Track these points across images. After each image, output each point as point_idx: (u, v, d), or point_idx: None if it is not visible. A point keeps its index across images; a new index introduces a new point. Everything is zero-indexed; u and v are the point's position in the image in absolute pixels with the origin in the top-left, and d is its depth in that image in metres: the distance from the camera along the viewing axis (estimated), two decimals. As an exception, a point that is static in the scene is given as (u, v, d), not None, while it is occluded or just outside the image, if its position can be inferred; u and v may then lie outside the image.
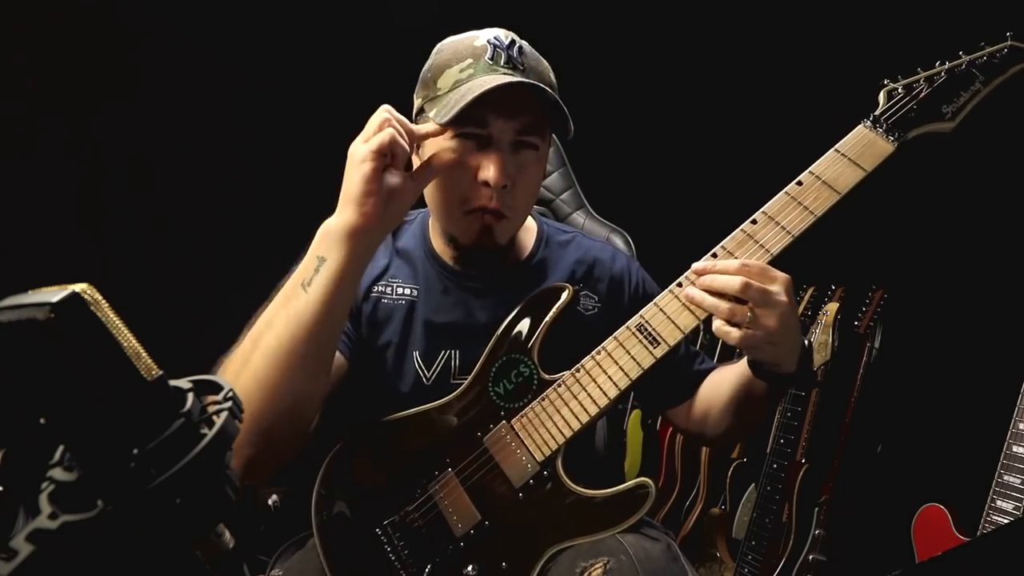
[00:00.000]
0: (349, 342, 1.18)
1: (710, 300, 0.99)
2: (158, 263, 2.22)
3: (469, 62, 1.07)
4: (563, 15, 2.32)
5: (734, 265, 0.98)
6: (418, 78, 1.16)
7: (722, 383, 1.20)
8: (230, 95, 2.28)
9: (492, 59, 1.07)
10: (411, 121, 1.16)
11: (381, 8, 2.37)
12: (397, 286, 1.21)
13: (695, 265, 1.03)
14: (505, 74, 1.05)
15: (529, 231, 1.29)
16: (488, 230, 1.12)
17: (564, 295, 1.17)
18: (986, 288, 1.98)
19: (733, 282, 0.96)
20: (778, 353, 1.01)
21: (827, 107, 1.29)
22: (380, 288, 1.20)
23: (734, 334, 0.97)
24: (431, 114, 1.08)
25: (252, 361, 0.93)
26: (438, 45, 1.14)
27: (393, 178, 0.98)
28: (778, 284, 0.97)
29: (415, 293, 1.20)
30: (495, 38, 1.09)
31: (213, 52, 2.23)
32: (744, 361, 1.11)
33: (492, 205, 1.09)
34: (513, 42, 1.10)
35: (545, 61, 1.14)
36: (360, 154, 0.96)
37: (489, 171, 1.06)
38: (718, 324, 0.98)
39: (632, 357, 1.07)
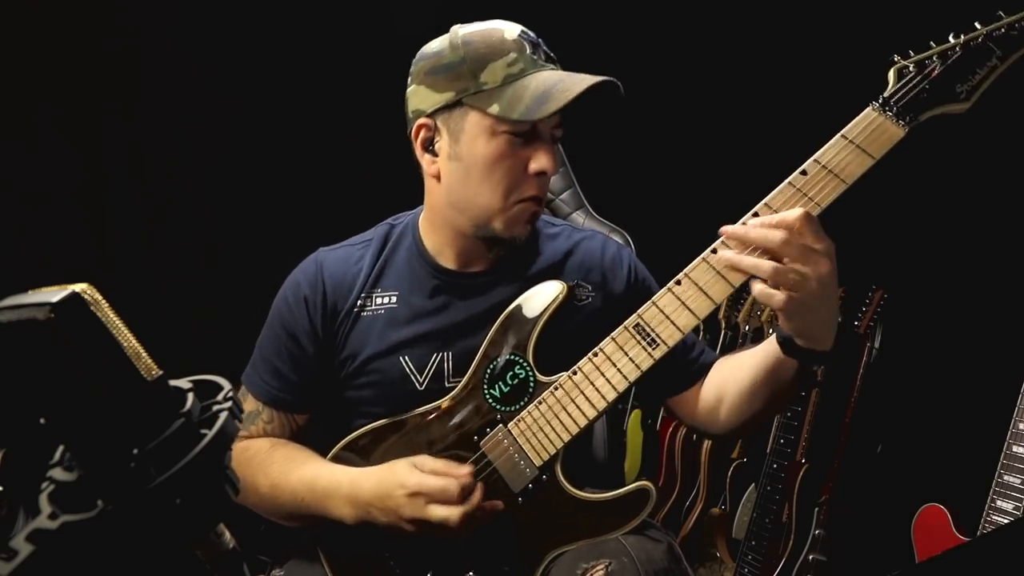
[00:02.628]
0: (300, 399, 1.20)
1: (749, 260, 0.93)
2: (158, 263, 2.22)
3: (514, 56, 1.07)
4: (562, 15, 2.32)
5: (774, 219, 0.92)
6: (426, 70, 1.11)
7: (740, 368, 1.12)
8: (231, 98, 2.28)
9: (535, 55, 1.09)
10: (434, 113, 1.11)
11: (382, 14, 2.37)
12: (377, 296, 1.19)
13: (724, 228, 0.96)
14: (553, 69, 1.09)
15: None
16: (534, 218, 1.14)
17: (559, 293, 1.14)
18: (986, 288, 1.98)
19: (774, 236, 0.90)
20: (815, 323, 0.95)
21: (833, 87, 1.25)
22: (361, 302, 1.19)
23: (778, 297, 0.91)
24: (492, 109, 1.05)
25: (259, 486, 1.15)
26: (458, 36, 1.10)
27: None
28: (823, 244, 0.91)
29: (395, 300, 1.18)
30: (523, 32, 1.11)
31: (215, 55, 2.23)
32: (772, 340, 1.04)
33: (543, 193, 1.12)
34: (537, 36, 1.12)
35: None
36: (439, 516, 1.02)
37: (543, 162, 1.08)
38: (760, 287, 0.92)
39: (630, 359, 1.05)
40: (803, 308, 0.93)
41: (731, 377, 1.14)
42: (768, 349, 1.05)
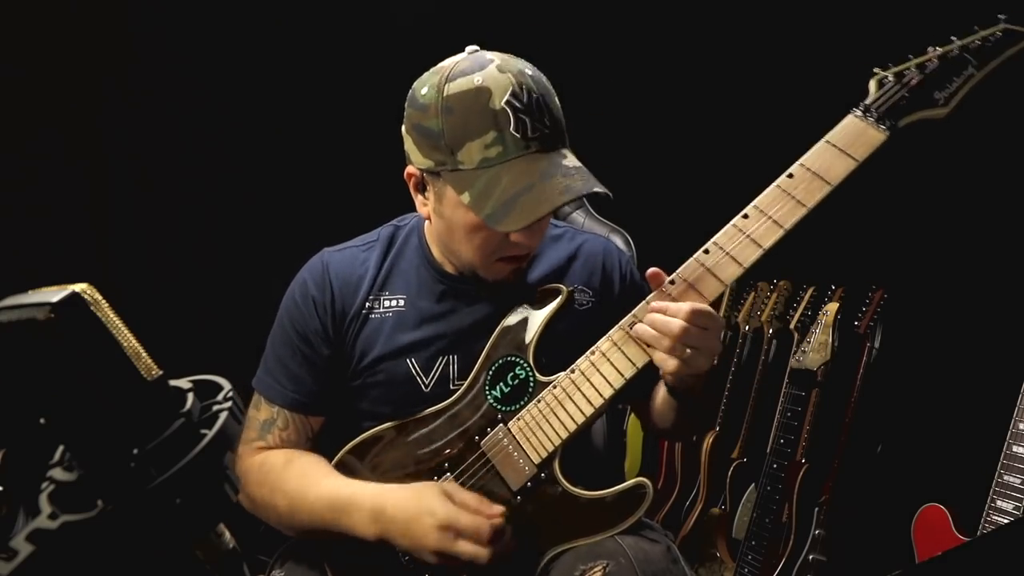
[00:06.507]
0: (316, 401, 1.19)
1: (652, 333, 1.02)
2: (158, 263, 2.22)
3: (493, 136, 1.00)
4: (561, 15, 2.32)
5: (684, 310, 1.00)
6: (413, 122, 1.08)
7: (658, 391, 1.24)
8: (231, 95, 2.28)
9: (518, 131, 1.00)
10: (415, 166, 1.10)
11: (382, 9, 2.37)
12: (385, 299, 1.19)
13: (651, 303, 1.05)
14: (539, 151, 1.02)
15: None
16: (518, 270, 1.16)
17: (560, 297, 1.15)
18: (986, 288, 1.98)
19: (674, 326, 0.99)
20: (696, 383, 1.09)
21: (820, 96, 1.28)
22: (369, 304, 1.19)
23: (670, 364, 1.01)
24: (464, 197, 1.02)
25: (277, 504, 1.14)
26: (442, 97, 1.02)
27: None
28: (715, 330, 1.02)
29: (403, 303, 1.19)
30: (512, 97, 1.00)
31: (214, 52, 2.23)
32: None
33: (525, 252, 1.12)
34: (531, 96, 1.01)
35: (549, 84, 1.07)
36: (467, 552, 1.01)
37: (525, 239, 1.08)
38: (658, 356, 1.03)
39: (627, 356, 1.06)
40: (690, 378, 1.07)
41: (654, 396, 1.26)
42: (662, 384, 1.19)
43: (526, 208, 1.00)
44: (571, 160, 1.05)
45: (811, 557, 1.99)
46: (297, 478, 1.14)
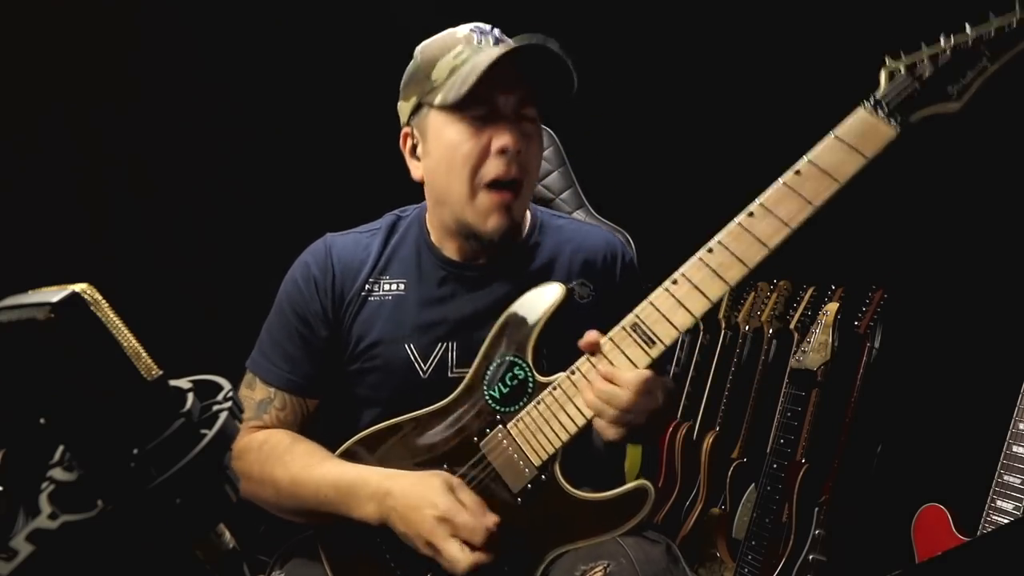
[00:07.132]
0: (313, 383, 1.20)
1: (600, 404, 1.03)
2: (158, 263, 2.22)
3: (460, 49, 1.10)
4: (561, 14, 2.32)
5: (632, 379, 1.02)
6: (401, 84, 1.19)
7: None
8: (230, 95, 2.28)
9: (480, 41, 1.11)
10: (409, 120, 1.17)
11: (381, 8, 2.37)
12: (385, 282, 1.20)
13: (600, 370, 1.05)
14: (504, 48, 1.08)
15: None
16: (507, 208, 1.11)
17: (558, 295, 1.14)
18: (986, 288, 1.97)
19: (623, 398, 1.01)
20: (635, 436, 1.08)
21: (828, 87, 1.26)
22: (368, 287, 1.20)
23: (612, 431, 1.04)
24: (436, 101, 1.09)
25: (277, 480, 1.13)
26: (417, 49, 1.17)
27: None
28: (657, 391, 1.05)
29: (403, 287, 1.20)
30: (475, 26, 1.14)
31: (214, 52, 2.23)
32: None
33: (512, 174, 1.10)
34: (494, 30, 1.15)
35: None
36: (452, 553, 1.00)
37: (504, 138, 1.08)
38: (599, 423, 1.04)
39: (628, 357, 1.05)
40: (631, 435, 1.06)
41: None
42: None
43: (478, 69, 1.04)
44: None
45: (811, 557, 1.99)
46: (303, 456, 1.14)
